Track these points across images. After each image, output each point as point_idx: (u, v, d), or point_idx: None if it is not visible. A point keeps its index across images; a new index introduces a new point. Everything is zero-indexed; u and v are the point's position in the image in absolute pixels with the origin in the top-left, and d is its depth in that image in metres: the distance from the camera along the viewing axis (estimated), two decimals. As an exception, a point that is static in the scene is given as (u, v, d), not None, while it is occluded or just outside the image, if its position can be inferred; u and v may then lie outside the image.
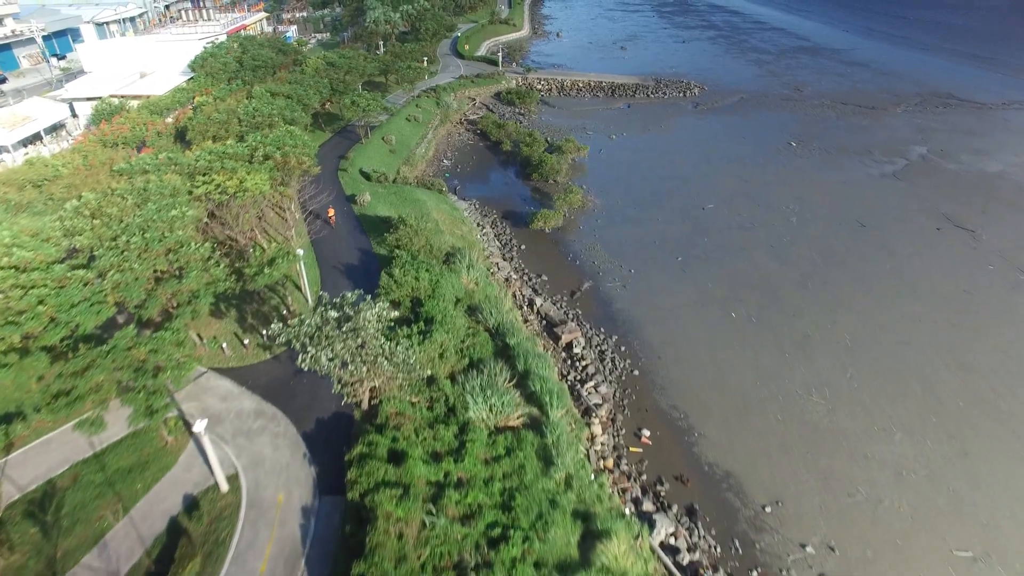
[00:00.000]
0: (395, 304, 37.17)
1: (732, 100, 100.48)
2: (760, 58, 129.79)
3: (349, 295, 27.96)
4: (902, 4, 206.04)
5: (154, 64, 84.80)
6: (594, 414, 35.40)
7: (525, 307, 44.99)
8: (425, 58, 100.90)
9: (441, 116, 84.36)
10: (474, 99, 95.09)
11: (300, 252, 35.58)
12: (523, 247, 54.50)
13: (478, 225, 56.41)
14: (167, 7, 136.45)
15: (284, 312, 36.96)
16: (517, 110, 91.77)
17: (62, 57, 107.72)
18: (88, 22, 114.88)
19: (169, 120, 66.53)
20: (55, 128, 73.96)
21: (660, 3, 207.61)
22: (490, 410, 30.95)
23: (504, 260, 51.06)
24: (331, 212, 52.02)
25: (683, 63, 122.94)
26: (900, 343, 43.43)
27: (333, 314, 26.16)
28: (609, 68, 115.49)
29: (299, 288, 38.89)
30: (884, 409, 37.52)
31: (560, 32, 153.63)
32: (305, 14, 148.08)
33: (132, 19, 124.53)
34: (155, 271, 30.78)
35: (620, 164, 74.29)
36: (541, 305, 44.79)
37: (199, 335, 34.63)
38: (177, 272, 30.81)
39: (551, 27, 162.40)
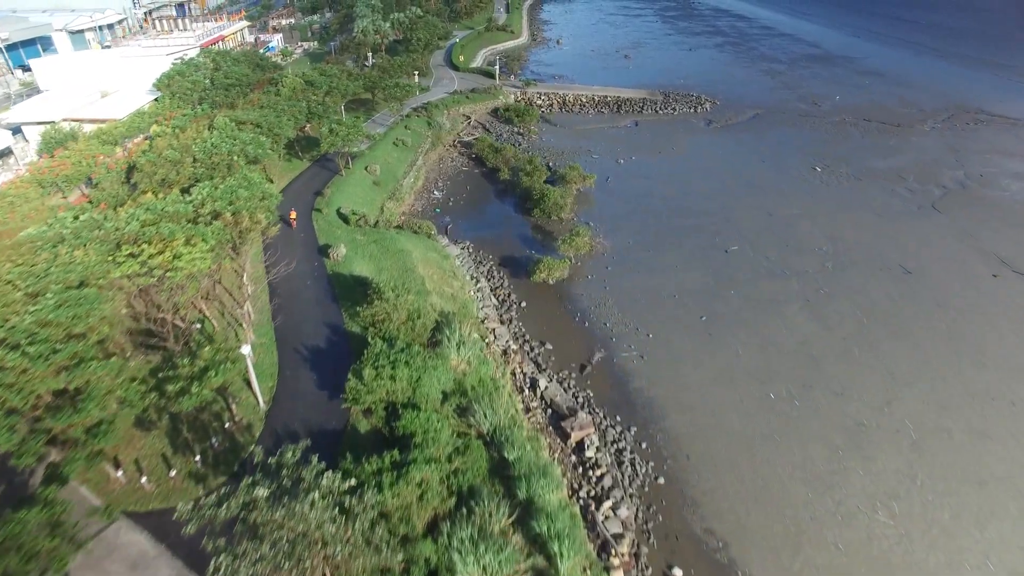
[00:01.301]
0: (367, 412, 30.03)
1: (747, 116, 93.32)
2: (772, 68, 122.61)
3: (289, 453, 20.71)
4: (907, 6, 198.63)
5: (117, 82, 77.30)
6: (614, 551, 28.29)
7: (527, 390, 37.81)
8: (416, 72, 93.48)
9: (432, 138, 77.03)
10: (469, 117, 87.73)
11: (246, 350, 28.30)
12: (524, 305, 47.23)
13: (472, 278, 49.08)
14: (147, 13, 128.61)
15: (228, 423, 29.67)
16: (516, 129, 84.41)
17: (28, 69, 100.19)
18: (60, 30, 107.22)
19: (129, 146, 59.17)
20: (1, 156, 66.70)
21: (663, 8, 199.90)
22: (484, 571, 23.89)
23: (502, 324, 43.84)
24: (293, 215, 49.76)
25: (691, 73, 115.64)
26: (975, 434, 36.37)
27: (263, 492, 18.86)
28: (613, 80, 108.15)
29: (248, 384, 31.62)
30: (971, 534, 30.45)
31: (560, 39, 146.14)
32: (292, 21, 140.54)
33: (111, 26, 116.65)
34: (47, 392, 23.58)
35: (630, 195, 67.08)
36: (546, 388, 37.60)
37: (116, 459, 27.39)
38: (74, 395, 23.59)
39: (551, 33, 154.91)
